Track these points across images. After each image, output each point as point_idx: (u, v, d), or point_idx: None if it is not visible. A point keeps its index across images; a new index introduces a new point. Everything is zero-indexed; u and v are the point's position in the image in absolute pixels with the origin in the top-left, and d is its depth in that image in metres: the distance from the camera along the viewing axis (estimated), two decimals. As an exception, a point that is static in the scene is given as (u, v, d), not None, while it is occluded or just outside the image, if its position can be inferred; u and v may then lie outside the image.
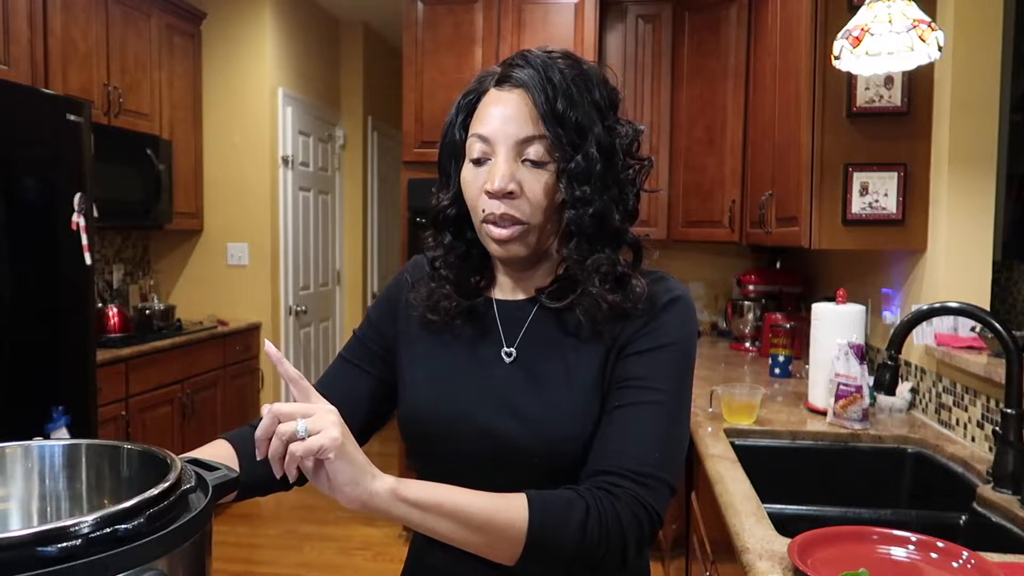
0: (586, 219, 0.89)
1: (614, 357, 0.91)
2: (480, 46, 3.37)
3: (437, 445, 0.95)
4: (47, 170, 2.51)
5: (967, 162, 1.98)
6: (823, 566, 1.05)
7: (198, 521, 0.65)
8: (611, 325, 0.91)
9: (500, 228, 0.89)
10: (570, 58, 0.92)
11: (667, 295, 0.94)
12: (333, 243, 5.10)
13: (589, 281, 0.90)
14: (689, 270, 3.92)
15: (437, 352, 0.99)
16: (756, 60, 3.12)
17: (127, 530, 0.57)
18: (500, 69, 0.93)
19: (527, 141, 0.88)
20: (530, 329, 0.96)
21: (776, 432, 1.88)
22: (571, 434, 0.89)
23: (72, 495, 0.79)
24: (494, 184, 0.87)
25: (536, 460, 0.90)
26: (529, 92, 0.89)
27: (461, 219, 0.97)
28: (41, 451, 0.79)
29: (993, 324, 1.44)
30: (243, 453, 0.94)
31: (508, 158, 0.88)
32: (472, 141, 0.91)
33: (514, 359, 0.95)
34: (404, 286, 1.04)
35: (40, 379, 2.50)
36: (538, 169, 0.89)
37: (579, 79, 0.90)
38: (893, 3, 1.58)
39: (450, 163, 0.96)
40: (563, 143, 0.88)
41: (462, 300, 0.97)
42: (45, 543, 0.54)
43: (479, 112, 0.92)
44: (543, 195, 0.89)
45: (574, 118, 0.88)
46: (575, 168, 0.88)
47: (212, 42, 4.14)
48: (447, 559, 0.93)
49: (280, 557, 3.39)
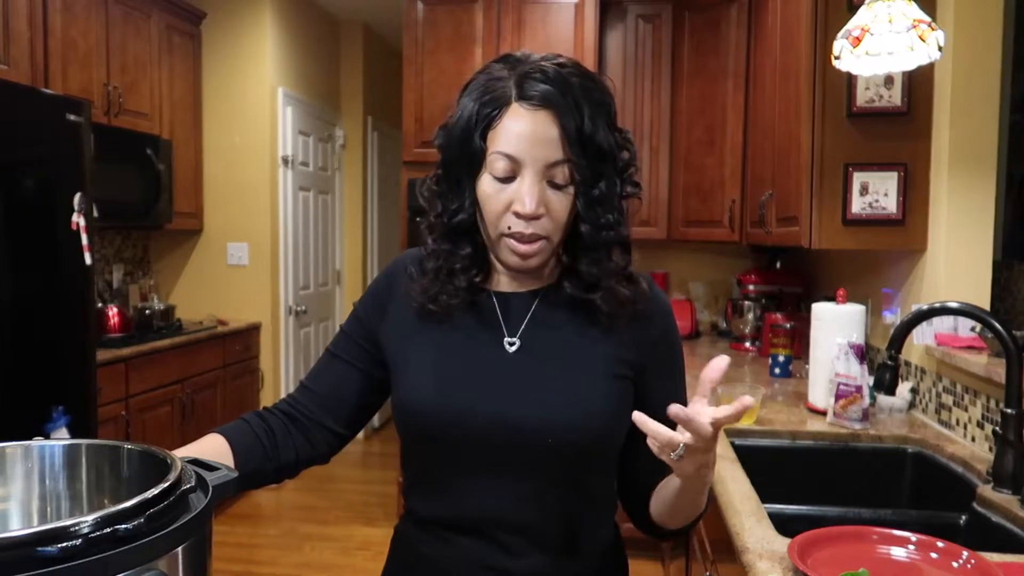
0: (607, 238, 0.94)
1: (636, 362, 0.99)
2: (480, 46, 3.37)
3: (440, 434, 0.96)
4: (47, 170, 2.51)
5: (967, 162, 1.98)
6: (823, 566, 1.05)
7: (198, 521, 0.65)
8: (624, 324, 0.97)
9: (525, 244, 0.92)
10: (580, 71, 0.93)
11: (662, 297, 1.04)
12: (333, 243, 5.10)
13: (607, 279, 0.95)
14: (689, 270, 3.92)
15: (437, 343, 1.00)
16: (756, 60, 3.12)
17: (127, 530, 0.57)
18: (516, 79, 0.91)
19: (555, 165, 0.91)
20: (532, 320, 0.99)
21: (776, 432, 1.88)
22: (576, 421, 0.92)
23: (72, 495, 0.79)
24: (526, 208, 0.89)
25: (542, 445, 0.92)
26: (556, 114, 0.90)
27: (472, 226, 0.97)
28: (41, 451, 0.79)
29: (993, 324, 1.44)
30: (237, 447, 0.96)
31: (536, 180, 0.90)
32: (496, 157, 0.91)
33: (517, 348, 0.97)
34: (397, 279, 1.05)
35: (40, 379, 2.50)
36: (561, 191, 0.92)
37: (597, 98, 0.92)
38: (893, 3, 1.58)
39: (462, 171, 0.95)
40: (586, 167, 0.91)
41: (466, 295, 0.98)
42: (45, 543, 0.54)
43: (503, 128, 0.91)
44: (565, 215, 0.93)
45: (596, 144, 0.91)
46: (598, 194, 0.93)
47: (212, 42, 4.14)
48: (442, 550, 0.96)
49: (280, 557, 3.39)
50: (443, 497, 0.97)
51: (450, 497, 0.96)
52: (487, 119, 0.92)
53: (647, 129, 3.58)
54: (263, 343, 4.26)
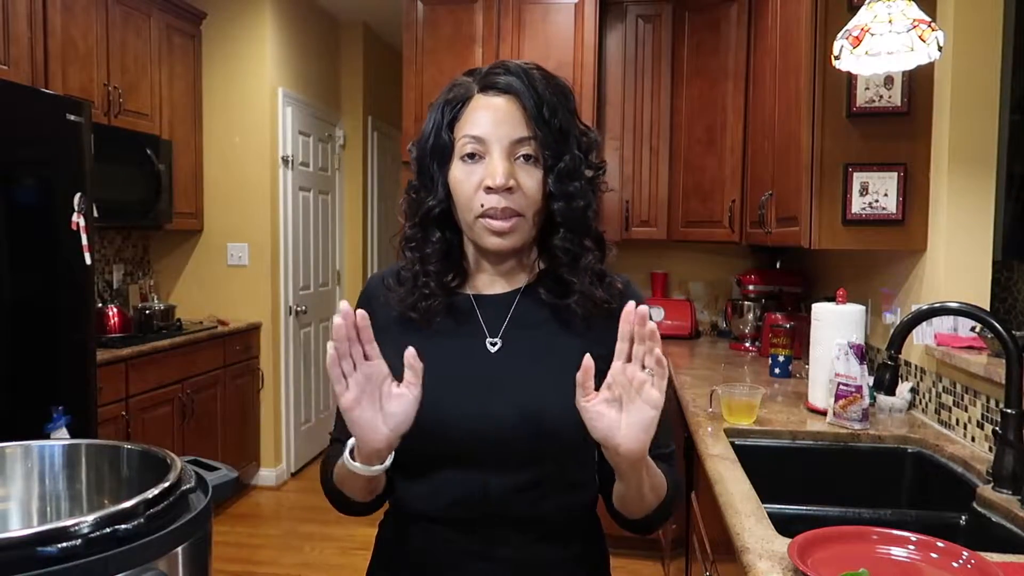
0: (575, 212, 0.97)
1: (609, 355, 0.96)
2: (480, 46, 3.37)
3: (427, 436, 0.97)
4: (47, 170, 2.51)
5: (967, 162, 1.98)
6: (823, 566, 1.05)
7: (198, 521, 0.65)
8: (600, 323, 0.98)
9: (500, 220, 0.95)
10: (543, 70, 1.00)
11: (638, 296, 1.03)
12: (333, 243, 5.10)
13: (581, 280, 0.98)
14: (689, 270, 3.92)
15: (420, 348, 1.00)
16: (756, 60, 3.12)
17: (127, 530, 0.58)
18: (480, 76, 0.99)
19: (520, 142, 0.96)
20: (513, 320, 1.01)
21: (776, 432, 1.88)
22: (561, 415, 0.93)
23: (72, 495, 0.79)
24: (496, 180, 0.93)
25: (528, 441, 0.95)
26: (518, 97, 0.96)
27: (445, 217, 1.02)
28: (41, 451, 0.79)
29: (993, 324, 1.44)
30: None
31: (503, 156, 0.95)
32: (464, 142, 0.97)
33: (499, 348, 1.00)
34: (374, 297, 1.08)
35: (40, 379, 2.50)
36: (530, 167, 0.97)
37: (556, 89, 0.99)
38: (893, 3, 1.58)
39: (433, 165, 1.01)
40: (550, 144, 0.96)
41: (442, 297, 1.01)
42: (45, 543, 0.54)
43: (468, 116, 0.98)
44: (536, 190, 0.97)
45: (558, 123, 0.97)
46: (564, 167, 0.97)
47: (212, 42, 4.14)
48: (428, 542, 0.98)
49: (280, 557, 3.39)
50: (429, 491, 0.99)
51: (436, 491, 0.98)
52: (453, 113, 0.99)
53: (647, 129, 3.58)
54: (263, 343, 4.26)
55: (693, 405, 2.15)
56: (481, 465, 0.96)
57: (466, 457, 0.96)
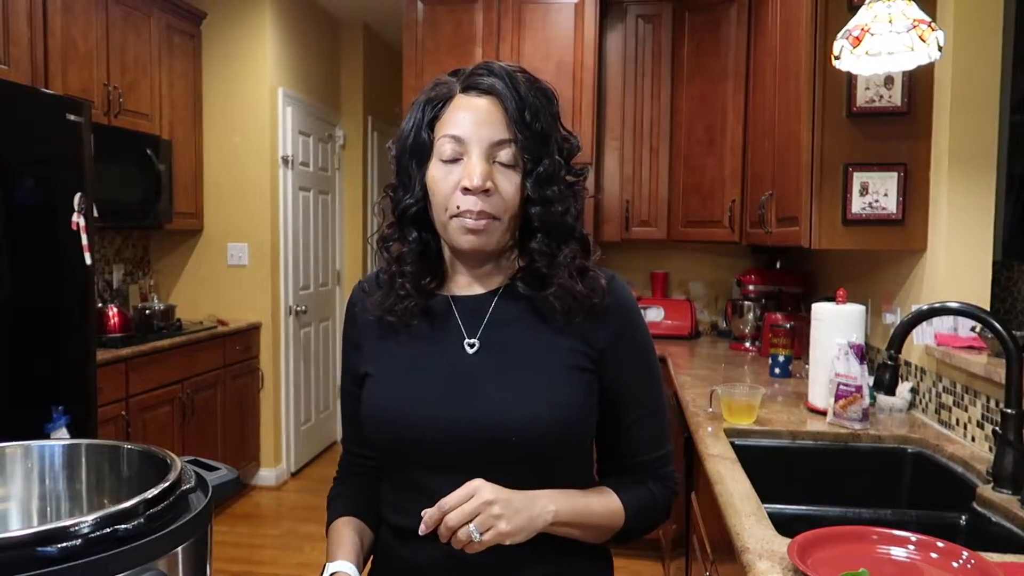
0: (554, 216, 0.97)
1: (596, 356, 0.99)
2: (480, 46, 3.37)
3: (409, 441, 0.97)
4: (47, 170, 2.51)
5: (967, 162, 1.98)
6: (823, 566, 1.05)
7: (198, 521, 0.65)
8: (582, 319, 0.98)
9: (474, 220, 0.94)
10: (527, 73, 1.00)
11: (623, 291, 1.03)
12: (333, 243, 5.10)
13: (560, 274, 0.97)
14: (689, 270, 3.92)
15: (399, 352, 1.02)
16: (756, 60, 3.12)
17: (127, 530, 0.57)
18: (463, 77, 0.99)
19: (499, 144, 0.95)
20: (491, 320, 1.01)
21: (776, 432, 1.88)
22: (541, 415, 0.94)
23: (72, 495, 0.79)
24: (473, 181, 0.93)
25: (509, 442, 0.94)
26: (499, 99, 0.96)
27: (422, 217, 1.01)
28: (41, 451, 0.79)
29: (993, 324, 1.44)
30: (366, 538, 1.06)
31: (481, 157, 0.94)
32: (443, 142, 0.96)
33: (477, 349, 0.99)
34: (356, 306, 1.08)
35: (40, 379, 2.50)
36: (508, 170, 0.96)
37: (539, 93, 0.98)
38: (893, 3, 1.58)
39: (411, 163, 1.00)
40: (530, 148, 0.95)
41: (419, 299, 1.01)
42: (45, 543, 0.54)
43: (448, 115, 0.97)
44: (513, 194, 0.96)
45: (539, 127, 0.96)
46: (543, 171, 0.96)
47: (212, 42, 4.14)
48: (419, 553, 0.97)
49: (280, 557, 3.39)
50: (418, 500, 0.95)
51: (424, 500, 0.94)
52: (433, 112, 0.99)
53: (647, 129, 3.58)
54: (263, 343, 4.26)
55: (693, 405, 2.15)
56: (464, 471, 0.92)
57: (447, 464, 0.94)
